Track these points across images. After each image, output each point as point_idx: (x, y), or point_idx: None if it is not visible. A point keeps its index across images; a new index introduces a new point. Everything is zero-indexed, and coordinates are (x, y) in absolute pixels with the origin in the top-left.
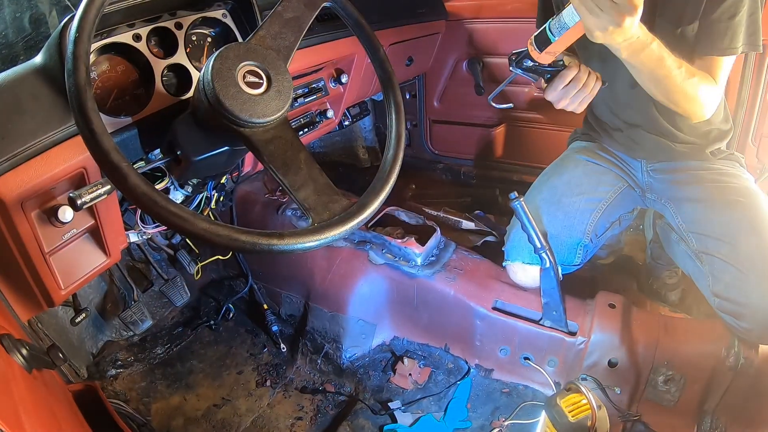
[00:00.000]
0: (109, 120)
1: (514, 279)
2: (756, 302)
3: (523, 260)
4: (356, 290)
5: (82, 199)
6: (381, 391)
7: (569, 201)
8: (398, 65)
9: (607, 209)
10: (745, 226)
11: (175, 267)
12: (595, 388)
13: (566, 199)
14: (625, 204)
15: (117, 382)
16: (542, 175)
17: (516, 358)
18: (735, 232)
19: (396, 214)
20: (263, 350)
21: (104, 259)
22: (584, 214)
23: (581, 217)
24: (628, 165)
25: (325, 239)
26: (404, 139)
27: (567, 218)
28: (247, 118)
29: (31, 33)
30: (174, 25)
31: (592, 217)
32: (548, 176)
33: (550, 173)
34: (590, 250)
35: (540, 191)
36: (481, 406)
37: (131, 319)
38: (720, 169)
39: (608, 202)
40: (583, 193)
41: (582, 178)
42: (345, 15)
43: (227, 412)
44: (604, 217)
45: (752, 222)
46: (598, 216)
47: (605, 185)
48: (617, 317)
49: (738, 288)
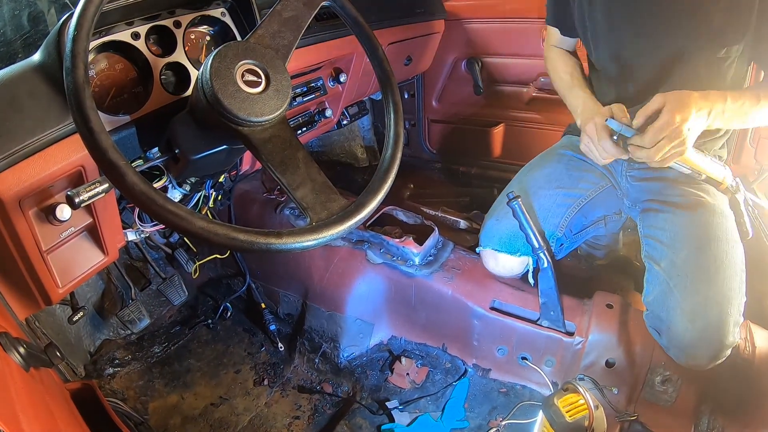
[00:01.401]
0: (108, 118)
1: (487, 266)
2: (673, 321)
3: (492, 247)
4: (354, 289)
5: (80, 198)
6: (378, 390)
7: (545, 193)
8: (397, 65)
9: (586, 206)
10: (690, 243)
11: (172, 266)
12: (592, 388)
13: (543, 191)
14: (607, 204)
15: (114, 380)
16: (526, 166)
17: (513, 357)
18: (679, 247)
19: (394, 213)
20: (261, 349)
21: (102, 258)
22: (560, 207)
23: (556, 210)
24: (612, 165)
25: (323, 238)
26: (402, 139)
27: (541, 210)
28: (246, 117)
29: (29, 31)
30: (173, 23)
31: (568, 212)
32: (530, 168)
33: (533, 165)
34: (566, 246)
35: (519, 181)
36: (478, 405)
37: (129, 317)
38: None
39: (587, 199)
40: (562, 188)
41: (563, 172)
42: (344, 14)
43: (225, 411)
44: (581, 214)
45: (699, 241)
46: (575, 212)
47: (586, 182)
48: (615, 317)
49: (662, 303)
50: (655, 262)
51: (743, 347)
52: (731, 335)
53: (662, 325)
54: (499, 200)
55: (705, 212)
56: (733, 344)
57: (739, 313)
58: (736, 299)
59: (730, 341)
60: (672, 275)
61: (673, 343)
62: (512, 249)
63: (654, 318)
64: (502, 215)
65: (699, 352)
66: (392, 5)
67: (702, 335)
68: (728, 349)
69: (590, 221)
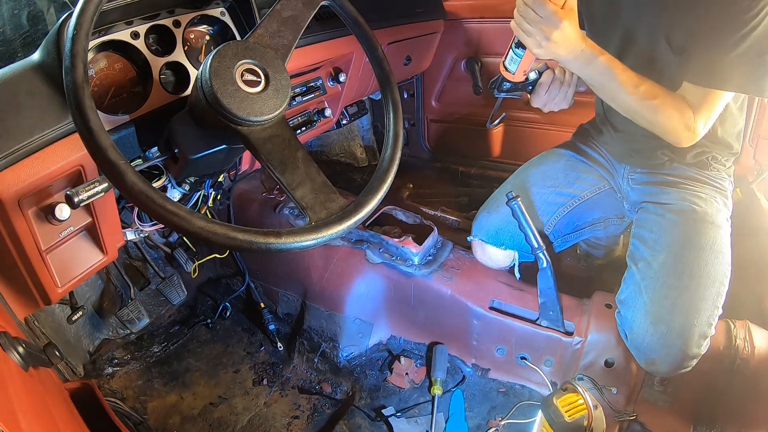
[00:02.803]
0: (107, 118)
1: (475, 255)
2: (636, 322)
3: (480, 237)
4: (353, 289)
5: (80, 197)
6: (378, 390)
7: (537, 191)
8: (396, 64)
9: (580, 207)
10: (671, 248)
11: (172, 265)
12: (591, 388)
13: (535, 188)
14: (605, 206)
15: (114, 380)
16: (526, 164)
17: (513, 357)
18: (659, 250)
19: (393, 213)
20: (260, 349)
21: (101, 257)
22: (550, 206)
23: (546, 208)
24: (614, 168)
25: (322, 238)
26: (402, 139)
27: (530, 207)
28: (245, 117)
29: (28, 30)
30: (172, 23)
31: (559, 211)
32: (528, 165)
33: (532, 162)
34: (556, 246)
35: (516, 177)
36: (477, 405)
37: (128, 317)
38: (697, 190)
39: (581, 200)
40: (555, 186)
41: (559, 171)
42: (343, 14)
43: (224, 410)
44: (573, 214)
45: (680, 247)
46: (566, 212)
47: (583, 183)
48: (614, 317)
49: (631, 304)
50: (634, 262)
51: (742, 347)
52: (695, 346)
53: (627, 326)
54: (495, 195)
55: (695, 219)
56: (697, 356)
57: (709, 325)
58: (706, 311)
59: (693, 352)
60: (645, 277)
61: (634, 345)
62: (498, 242)
63: (622, 318)
64: (493, 209)
65: (658, 357)
66: (392, 5)
67: (663, 341)
68: (692, 360)
69: (585, 223)
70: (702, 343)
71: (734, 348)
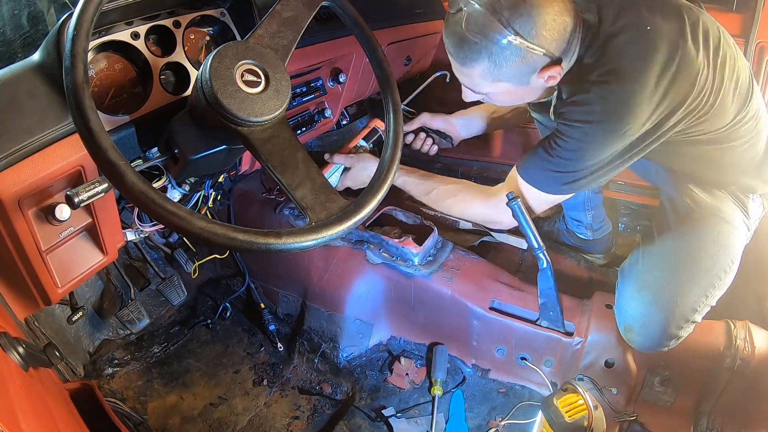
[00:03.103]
0: (107, 118)
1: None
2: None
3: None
4: (353, 290)
5: (80, 197)
6: (378, 390)
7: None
8: (396, 65)
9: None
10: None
11: (172, 266)
12: (591, 388)
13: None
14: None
15: (114, 380)
16: None
17: (513, 358)
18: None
19: (393, 213)
20: (260, 349)
21: (101, 258)
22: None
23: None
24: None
25: (322, 238)
26: (402, 139)
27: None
28: (245, 117)
29: (29, 30)
30: (172, 23)
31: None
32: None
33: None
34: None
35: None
36: (477, 405)
37: (128, 317)
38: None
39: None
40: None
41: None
42: (343, 14)
43: (224, 411)
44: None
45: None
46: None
47: None
48: (614, 318)
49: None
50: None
51: (743, 347)
52: (675, 326)
53: (619, 293)
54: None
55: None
56: (674, 336)
57: (693, 311)
58: (694, 295)
59: (672, 331)
60: (647, 250)
61: (618, 308)
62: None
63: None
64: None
65: (636, 325)
66: (392, 5)
67: (645, 309)
68: (669, 339)
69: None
70: (683, 325)
71: (734, 348)
